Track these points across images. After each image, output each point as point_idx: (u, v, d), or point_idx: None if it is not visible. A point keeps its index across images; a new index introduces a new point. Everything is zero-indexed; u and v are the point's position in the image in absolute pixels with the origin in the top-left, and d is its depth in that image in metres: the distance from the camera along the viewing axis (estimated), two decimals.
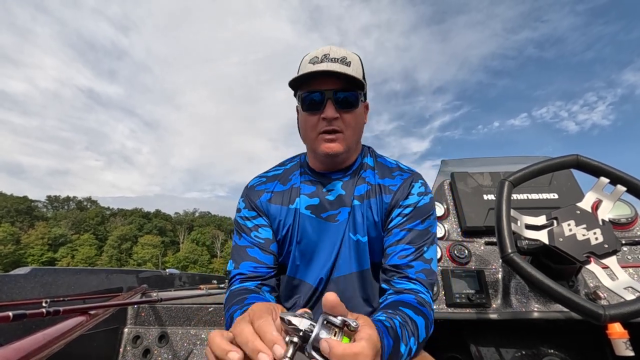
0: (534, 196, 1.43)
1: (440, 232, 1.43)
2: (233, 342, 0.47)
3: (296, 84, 0.85)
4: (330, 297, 0.45)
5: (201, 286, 2.64)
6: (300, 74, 0.83)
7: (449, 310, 1.21)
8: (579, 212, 1.00)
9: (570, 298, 0.85)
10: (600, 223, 0.97)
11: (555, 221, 1.01)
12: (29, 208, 67.19)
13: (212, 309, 1.99)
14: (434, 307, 1.10)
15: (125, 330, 1.99)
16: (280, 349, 0.42)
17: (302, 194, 0.94)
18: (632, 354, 0.94)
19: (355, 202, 0.90)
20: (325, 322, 0.44)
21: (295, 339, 0.43)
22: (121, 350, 1.92)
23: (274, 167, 1.05)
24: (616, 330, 0.97)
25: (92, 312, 1.04)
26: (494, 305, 1.20)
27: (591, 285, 1.19)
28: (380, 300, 0.84)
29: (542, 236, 1.00)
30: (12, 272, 1.63)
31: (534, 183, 1.42)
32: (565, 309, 1.10)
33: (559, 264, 1.05)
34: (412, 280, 0.80)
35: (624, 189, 0.98)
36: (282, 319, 0.46)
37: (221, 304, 2.03)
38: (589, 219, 0.98)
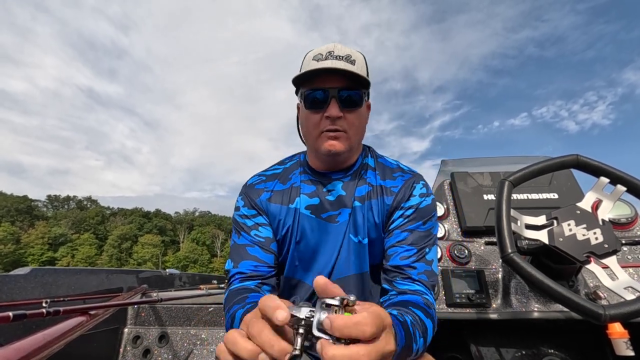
0: (534, 196, 1.43)
1: (440, 232, 1.43)
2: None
3: (299, 81, 0.84)
4: (320, 280, 0.44)
5: (201, 286, 2.65)
6: (303, 70, 0.81)
7: (449, 310, 1.21)
8: (579, 212, 1.00)
9: (570, 298, 0.84)
10: (600, 223, 0.97)
11: (555, 221, 1.01)
12: (29, 207, 67.24)
13: (212, 309, 1.99)
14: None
15: (126, 330, 1.99)
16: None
17: (302, 193, 0.92)
18: (632, 353, 0.94)
19: (356, 203, 0.89)
20: (324, 304, 0.43)
21: (301, 330, 0.44)
22: (121, 350, 1.93)
23: (273, 166, 1.03)
24: (616, 330, 0.97)
25: (92, 312, 1.04)
26: (494, 305, 1.20)
27: (591, 285, 1.19)
28: (382, 300, 0.82)
29: (542, 236, 1.00)
30: (12, 272, 1.63)
31: (534, 183, 1.41)
32: (565, 309, 1.10)
33: (559, 263, 1.05)
34: (416, 282, 0.79)
35: (624, 188, 0.98)
36: None
37: (221, 304, 2.02)
38: (589, 219, 0.98)
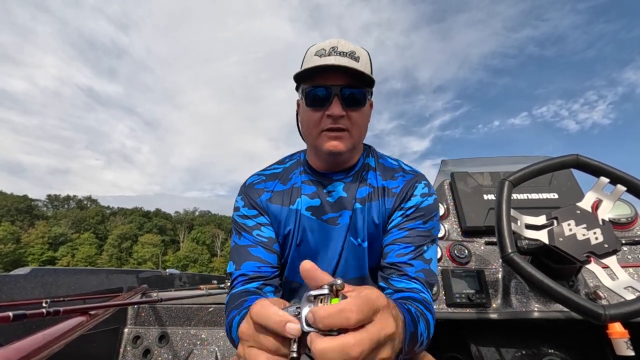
0: (534, 196, 1.43)
1: (440, 232, 1.43)
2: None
3: (300, 77, 0.80)
4: (307, 265, 0.41)
5: (201, 286, 2.65)
6: (305, 66, 0.78)
7: (449, 310, 1.21)
8: (579, 211, 1.00)
9: (570, 298, 0.84)
10: (600, 223, 0.97)
11: (555, 221, 1.01)
12: (29, 207, 67.23)
13: (212, 309, 1.99)
14: (434, 307, 1.10)
15: (126, 330, 1.99)
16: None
17: (303, 194, 0.90)
18: (632, 353, 0.94)
19: (357, 205, 0.87)
20: (312, 297, 0.39)
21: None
22: (121, 350, 1.93)
23: (272, 165, 1.00)
24: (616, 330, 0.96)
25: (92, 312, 1.04)
26: (494, 305, 1.20)
27: (591, 285, 1.19)
28: None
29: (542, 236, 1.00)
30: (12, 272, 1.63)
31: (534, 183, 1.42)
32: (565, 309, 1.10)
33: (559, 263, 1.05)
34: (412, 280, 0.76)
35: (624, 188, 0.98)
36: None
37: (221, 304, 2.03)
38: (589, 219, 0.98)
